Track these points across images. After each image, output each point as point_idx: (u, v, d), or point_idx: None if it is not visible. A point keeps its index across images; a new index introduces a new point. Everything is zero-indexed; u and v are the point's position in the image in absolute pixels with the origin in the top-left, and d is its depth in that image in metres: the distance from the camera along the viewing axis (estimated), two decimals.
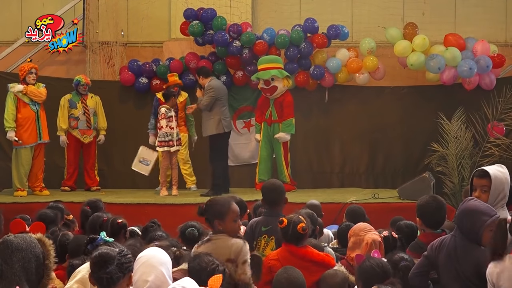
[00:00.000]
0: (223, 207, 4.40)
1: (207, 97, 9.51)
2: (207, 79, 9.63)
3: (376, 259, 3.98)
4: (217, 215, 4.37)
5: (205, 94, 9.54)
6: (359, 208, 6.35)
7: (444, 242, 4.09)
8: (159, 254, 3.66)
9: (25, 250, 3.48)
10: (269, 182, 5.72)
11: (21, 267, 3.40)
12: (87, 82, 10.21)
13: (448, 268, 4.01)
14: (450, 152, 10.00)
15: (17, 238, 3.55)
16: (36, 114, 9.79)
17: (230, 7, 11.09)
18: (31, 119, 9.76)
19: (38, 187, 9.87)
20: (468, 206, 4.05)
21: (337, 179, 10.94)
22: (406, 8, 11.34)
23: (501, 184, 4.41)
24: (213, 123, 9.56)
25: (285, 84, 9.90)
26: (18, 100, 9.74)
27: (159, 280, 3.52)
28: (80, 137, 10.19)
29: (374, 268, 3.89)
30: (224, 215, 4.36)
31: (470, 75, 10.03)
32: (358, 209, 6.29)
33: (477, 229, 3.95)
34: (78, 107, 10.14)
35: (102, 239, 3.61)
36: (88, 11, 11.12)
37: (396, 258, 4.28)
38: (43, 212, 6.13)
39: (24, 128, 9.72)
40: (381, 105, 10.80)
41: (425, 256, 4.15)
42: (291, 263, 4.46)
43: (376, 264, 3.91)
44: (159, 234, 5.52)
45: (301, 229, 4.64)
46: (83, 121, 10.18)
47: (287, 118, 9.87)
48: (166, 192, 9.65)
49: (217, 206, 4.43)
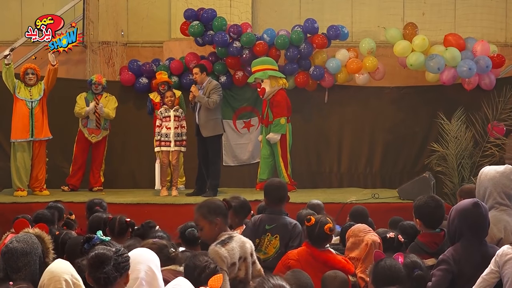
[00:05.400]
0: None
1: (217, 95, 9.38)
2: (207, 77, 9.59)
3: (393, 261, 3.92)
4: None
5: (214, 93, 9.37)
6: (363, 208, 6.34)
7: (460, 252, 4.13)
8: (144, 252, 3.70)
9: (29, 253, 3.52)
10: (273, 180, 5.74)
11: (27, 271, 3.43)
12: (99, 81, 10.23)
13: (477, 276, 4.05)
14: (450, 152, 10.01)
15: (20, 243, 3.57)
16: (30, 111, 9.76)
17: (230, 7, 11.10)
18: (24, 115, 9.71)
19: (38, 187, 9.87)
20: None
21: (336, 179, 10.94)
22: (406, 8, 11.35)
23: (481, 182, 4.66)
24: (214, 124, 9.52)
25: (273, 85, 9.82)
26: (15, 98, 9.75)
27: (149, 276, 3.53)
28: (88, 136, 10.21)
29: (386, 270, 3.85)
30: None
31: (470, 75, 10.03)
32: (362, 209, 6.29)
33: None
34: (91, 106, 10.16)
35: (98, 238, 3.61)
36: (88, 11, 11.12)
37: (408, 261, 4.14)
38: (40, 212, 6.14)
39: (18, 123, 9.70)
40: (381, 105, 10.80)
41: (447, 271, 4.13)
42: (311, 266, 4.43)
43: (389, 267, 3.86)
44: (159, 234, 5.53)
45: (328, 230, 4.60)
46: (92, 120, 10.19)
47: (276, 118, 9.85)
48: (166, 192, 9.65)
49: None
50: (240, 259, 4.26)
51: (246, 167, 10.87)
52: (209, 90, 9.42)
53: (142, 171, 10.73)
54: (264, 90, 9.84)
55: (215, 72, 10.62)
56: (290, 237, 5.26)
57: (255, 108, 10.78)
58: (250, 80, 10.02)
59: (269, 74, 9.78)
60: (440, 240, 4.51)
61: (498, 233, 4.51)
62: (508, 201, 4.65)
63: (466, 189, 5.73)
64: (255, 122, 10.81)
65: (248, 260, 4.33)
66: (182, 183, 10.37)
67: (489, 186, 4.65)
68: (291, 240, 5.24)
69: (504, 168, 4.73)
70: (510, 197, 4.65)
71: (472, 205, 4.21)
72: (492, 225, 4.40)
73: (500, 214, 4.59)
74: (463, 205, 4.28)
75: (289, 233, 5.27)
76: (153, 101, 10.07)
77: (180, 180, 10.33)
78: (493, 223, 4.45)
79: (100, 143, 10.36)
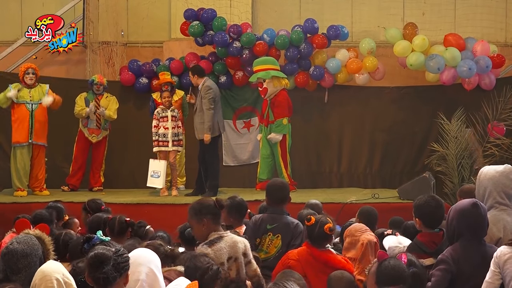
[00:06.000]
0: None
1: (206, 100, 9.33)
2: (202, 79, 9.53)
3: (397, 261, 3.91)
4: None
5: (204, 97, 9.35)
6: (372, 209, 6.29)
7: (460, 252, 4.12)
8: (145, 253, 3.69)
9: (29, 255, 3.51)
10: (275, 180, 5.75)
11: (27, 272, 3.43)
12: (101, 81, 10.23)
13: (476, 275, 4.05)
14: (450, 152, 10.00)
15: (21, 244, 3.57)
16: (30, 113, 9.75)
17: (230, 7, 11.10)
18: (24, 118, 9.70)
19: (38, 187, 9.87)
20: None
21: (336, 179, 10.94)
22: (406, 8, 11.35)
23: (481, 182, 4.66)
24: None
25: (275, 85, 9.83)
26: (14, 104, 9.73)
27: (150, 278, 3.53)
28: (88, 136, 10.21)
29: (389, 270, 3.84)
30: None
31: (470, 75, 10.03)
32: (372, 210, 6.24)
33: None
34: (91, 107, 10.15)
35: (98, 238, 3.61)
36: (88, 11, 11.12)
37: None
38: (38, 212, 6.14)
39: (18, 127, 9.69)
40: (381, 105, 10.80)
41: (446, 271, 4.11)
42: (311, 266, 4.43)
43: (393, 267, 3.85)
44: (159, 234, 5.54)
45: (328, 230, 4.60)
46: (93, 120, 10.19)
47: (278, 118, 9.84)
48: (166, 192, 9.65)
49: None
50: (230, 259, 4.26)
51: (246, 167, 10.87)
52: (201, 93, 9.43)
53: (142, 171, 10.68)
54: (266, 90, 9.83)
55: (215, 72, 10.62)
56: (292, 236, 5.27)
57: (255, 108, 10.78)
58: (253, 80, 10.00)
59: (272, 75, 9.78)
60: (439, 240, 4.51)
61: (497, 232, 4.51)
62: (508, 200, 4.64)
63: (466, 189, 5.73)
64: (255, 122, 10.81)
65: (239, 260, 4.33)
66: (183, 183, 10.38)
67: (489, 186, 4.65)
68: (293, 239, 5.25)
69: (504, 167, 4.73)
70: (509, 197, 4.65)
71: (471, 205, 4.21)
72: (492, 224, 4.40)
73: (500, 213, 4.59)
74: (462, 205, 4.28)
75: (291, 232, 5.28)
76: (156, 101, 10.03)
77: (181, 180, 10.33)
78: (493, 222, 4.45)
79: (100, 143, 10.36)
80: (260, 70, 9.86)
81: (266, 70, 9.81)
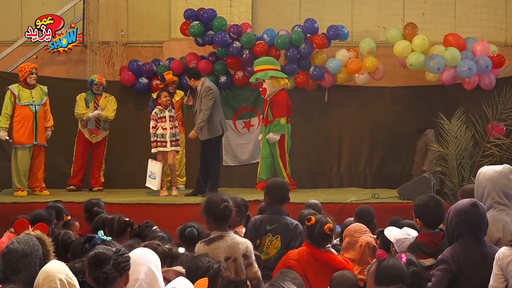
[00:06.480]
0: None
1: (207, 100, 9.34)
2: (199, 81, 9.51)
3: (396, 261, 3.91)
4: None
5: (204, 97, 9.38)
6: (368, 208, 6.30)
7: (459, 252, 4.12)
8: (145, 252, 3.70)
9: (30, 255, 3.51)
10: (275, 180, 5.74)
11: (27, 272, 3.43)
12: (101, 81, 10.24)
13: (477, 275, 4.06)
14: (450, 152, 10.00)
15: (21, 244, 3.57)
16: (34, 114, 9.75)
17: (230, 7, 11.09)
18: (28, 120, 9.71)
19: (38, 187, 9.87)
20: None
21: (336, 179, 10.94)
22: (406, 8, 11.35)
23: (480, 182, 4.67)
24: (210, 126, 9.47)
25: (274, 85, 9.83)
26: (16, 106, 9.73)
27: (149, 277, 3.53)
28: (88, 136, 10.21)
29: (389, 269, 3.83)
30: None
31: (470, 75, 10.03)
32: (367, 209, 6.25)
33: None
34: (90, 107, 10.16)
35: (99, 238, 3.61)
36: (88, 11, 11.13)
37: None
38: (37, 212, 6.13)
39: (21, 128, 9.70)
40: (381, 105, 10.80)
41: (447, 271, 4.11)
42: (311, 267, 4.42)
43: (392, 266, 3.84)
44: (160, 234, 5.53)
45: (328, 230, 4.60)
46: (92, 121, 10.19)
47: (276, 118, 9.85)
48: (166, 192, 9.65)
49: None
50: (229, 259, 4.28)
51: (246, 167, 10.87)
52: (201, 93, 9.42)
53: (142, 171, 10.67)
54: (266, 91, 9.84)
55: (215, 72, 10.62)
56: (291, 238, 5.25)
57: (255, 108, 10.79)
58: (252, 80, 10.03)
59: (270, 75, 9.78)
60: (439, 241, 4.51)
61: (496, 232, 4.51)
62: (507, 200, 4.64)
63: (467, 190, 5.71)
64: (255, 122, 10.82)
65: (239, 261, 4.34)
66: (183, 183, 10.38)
67: (488, 186, 4.65)
68: (293, 240, 5.24)
69: (503, 167, 4.73)
70: (508, 197, 4.65)
71: (470, 205, 4.21)
72: (491, 224, 4.40)
73: (499, 213, 4.59)
74: (461, 205, 4.28)
75: (291, 233, 5.26)
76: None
77: (181, 180, 10.33)
78: (492, 222, 4.45)
79: (100, 144, 10.37)
80: (260, 71, 9.88)
81: (265, 71, 9.83)
